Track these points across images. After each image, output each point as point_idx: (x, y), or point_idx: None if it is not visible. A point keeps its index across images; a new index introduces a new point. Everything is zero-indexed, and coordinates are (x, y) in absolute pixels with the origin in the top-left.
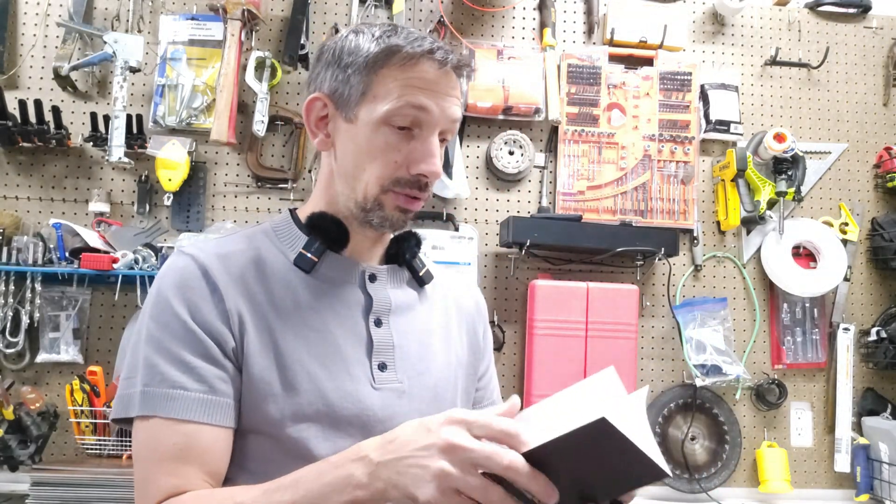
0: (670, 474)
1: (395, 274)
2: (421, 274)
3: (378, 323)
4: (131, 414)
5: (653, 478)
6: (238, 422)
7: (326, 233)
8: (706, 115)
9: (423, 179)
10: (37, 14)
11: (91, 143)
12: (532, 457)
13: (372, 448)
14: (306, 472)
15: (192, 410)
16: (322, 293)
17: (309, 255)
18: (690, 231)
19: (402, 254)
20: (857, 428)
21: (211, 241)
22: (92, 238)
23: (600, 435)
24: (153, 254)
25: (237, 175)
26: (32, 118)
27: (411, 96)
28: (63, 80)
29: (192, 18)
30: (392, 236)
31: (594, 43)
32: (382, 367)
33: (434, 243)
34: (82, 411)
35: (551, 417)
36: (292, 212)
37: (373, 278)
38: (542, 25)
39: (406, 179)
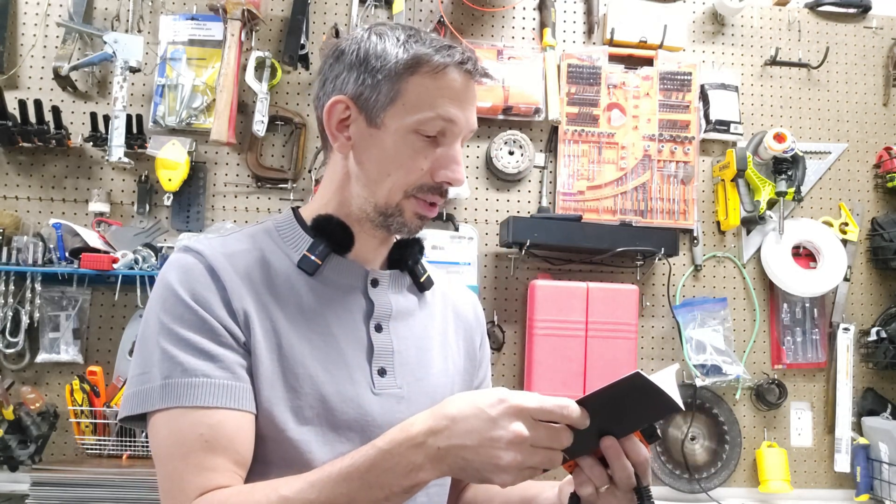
0: (683, 408)
1: (397, 279)
2: (422, 280)
3: (378, 328)
4: (149, 409)
5: (668, 412)
6: None
7: (332, 236)
8: (706, 115)
9: (446, 186)
10: (37, 14)
11: (91, 143)
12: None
13: (425, 431)
14: (355, 461)
15: (217, 397)
16: (325, 296)
17: (313, 257)
18: (690, 231)
19: (405, 259)
20: (857, 428)
21: (214, 239)
22: (92, 238)
23: (634, 386)
24: (153, 254)
25: (237, 175)
26: (32, 118)
27: (442, 108)
28: (63, 80)
29: (192, 18)
30: (395, 240)
31: (594, 43)
32: (382, 372)
33: (434, 243)
34: (82, 411)
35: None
36: (295, 211)
37: (375, 283)
38: (542, 25)
39: (429, 186)
